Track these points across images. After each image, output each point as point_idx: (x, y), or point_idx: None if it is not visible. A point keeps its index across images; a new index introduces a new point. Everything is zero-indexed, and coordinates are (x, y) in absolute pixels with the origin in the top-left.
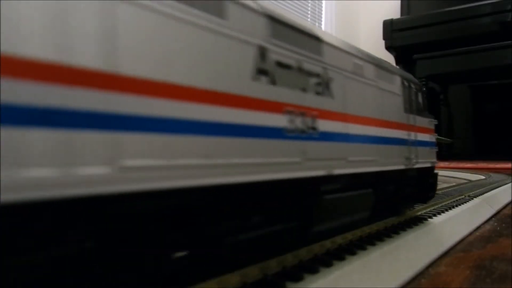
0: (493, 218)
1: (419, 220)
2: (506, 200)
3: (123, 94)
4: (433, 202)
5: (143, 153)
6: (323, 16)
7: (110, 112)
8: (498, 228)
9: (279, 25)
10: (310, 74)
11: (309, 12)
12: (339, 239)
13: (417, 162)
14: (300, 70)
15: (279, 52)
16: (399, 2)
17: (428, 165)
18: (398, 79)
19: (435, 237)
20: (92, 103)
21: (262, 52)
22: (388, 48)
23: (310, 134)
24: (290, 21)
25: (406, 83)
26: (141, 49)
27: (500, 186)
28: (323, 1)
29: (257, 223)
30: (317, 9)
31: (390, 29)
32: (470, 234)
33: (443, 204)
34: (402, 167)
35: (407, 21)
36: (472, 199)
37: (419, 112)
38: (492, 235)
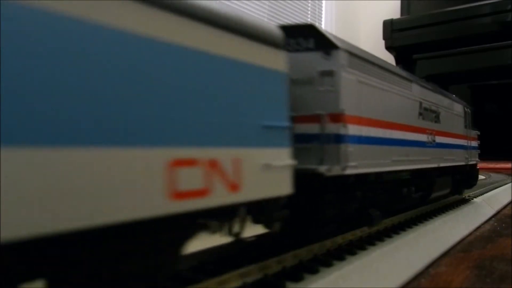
0: (493, 218)
1: (419, 220)
2: (506, 200)
3: (393, 130)
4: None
5: (396, 154)
6: (323, 16)
7: (388, 137)
8: (498, 228)
9: (424, 89)
10: (432, 111)
11: (309, 12)
12: (339, 239)
13: (470, 160)
14: (430, 110)
15: (424, 102)
16: (399, 2)
17: (474, 162)
18: (461, 106)
19: (435, 237)
20: (388, 135)
21: (420, 104)
22: (388, 48)
23: (432, 144)
24: (427, 85)
25: (465, 108)
26: (394, 109)
27: (500, 186)
28: (323, 1)
29: (415, 190)
30: (317, 9)
31: (390, 29)
32: (470, 234)
33: (443, 204)
34: (463, 163)
35: (407, 21)
36: (472, 199)
37: (470, 126)
38: (492, 235)
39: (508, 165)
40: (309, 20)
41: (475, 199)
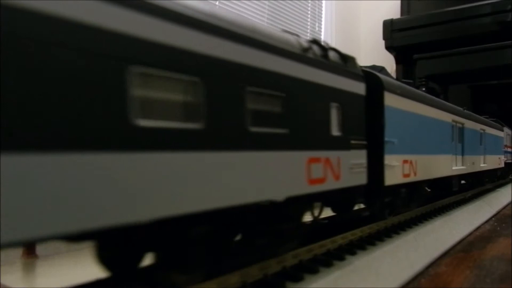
0: (493, 218)
1: (419, 220)
2: (506, 200)
3: (506, 148)
4: (434, 202)
5: (508, 156)
6: (323, 16)
7: (505, 151)
8: (498, 228)
9: (510, 129)
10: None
11: (309, 12)
12: (339, 239)
13: None
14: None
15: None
16: (399, 2)
17: None
18: None
19: (435, 237)
20: None
21: (510, 137)
22: (388, 48)
23: (510, 152)
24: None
25: None
26: (509, 140)
27: (500, 186)
28: (323, 1)
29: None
30: (317, 9)
31: (390, 29)
32: (470, 234)
33: (443, 204)
34: None
35: (407, 21)
36: (472, 199)
37: None
38: (492, 235)
39: None
40: (309, 20)
41: (475, 199)
